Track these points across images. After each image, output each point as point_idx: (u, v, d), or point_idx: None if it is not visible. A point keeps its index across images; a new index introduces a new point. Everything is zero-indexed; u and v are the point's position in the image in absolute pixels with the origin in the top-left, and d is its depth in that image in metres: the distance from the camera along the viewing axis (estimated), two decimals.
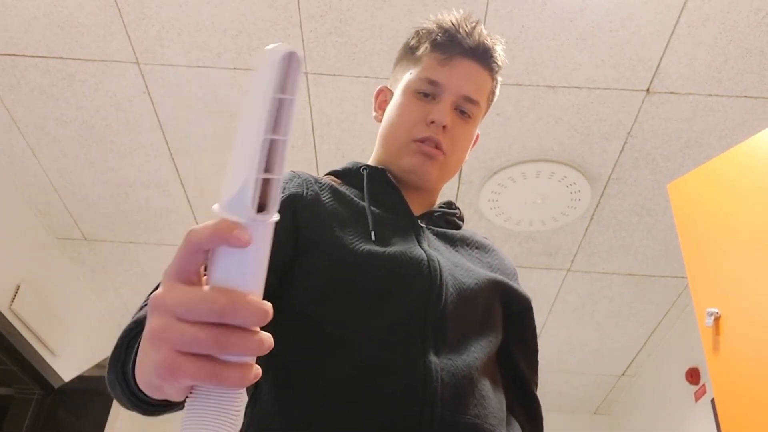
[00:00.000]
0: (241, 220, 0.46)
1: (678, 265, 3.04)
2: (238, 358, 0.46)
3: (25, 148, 2.75)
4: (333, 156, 2.69)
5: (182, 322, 0.45)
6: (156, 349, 0.46)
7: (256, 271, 0.47)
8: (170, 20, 2.21)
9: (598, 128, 2.48)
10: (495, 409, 0.84)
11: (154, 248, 3.29)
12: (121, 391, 0.65)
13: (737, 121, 2.39)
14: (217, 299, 0.44)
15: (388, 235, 0.92)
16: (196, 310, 0.44)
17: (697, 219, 1.90)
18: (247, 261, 0.47)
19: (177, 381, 0.45)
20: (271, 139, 0.46)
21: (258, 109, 0.46)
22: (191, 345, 0.44)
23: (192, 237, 0.46)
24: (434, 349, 0.82)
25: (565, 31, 2.17)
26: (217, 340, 0.44)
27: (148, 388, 0.51)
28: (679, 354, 3.45)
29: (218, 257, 0.47)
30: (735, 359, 1.68)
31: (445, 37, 1.04)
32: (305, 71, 2.35)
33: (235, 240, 0.45)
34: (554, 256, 3.13)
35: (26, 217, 3.06)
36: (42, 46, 2.32)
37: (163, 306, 0.46)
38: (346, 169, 1.06)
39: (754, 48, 2.15)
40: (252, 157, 0.45)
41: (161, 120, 2.59)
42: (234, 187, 0.46)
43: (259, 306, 0.45)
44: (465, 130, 1.04)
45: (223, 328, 0.44)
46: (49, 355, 3.32)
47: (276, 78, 0.45)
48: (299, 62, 0.46)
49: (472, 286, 0.91)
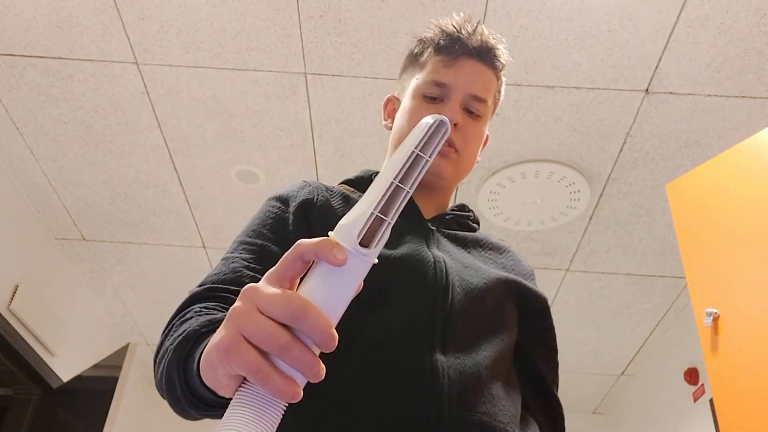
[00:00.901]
0: (345, 245, 0.51)
1: (677, 265, 3.05)
2: (289, 371, 0.49)
3: (23, 148, 2.75)
4: (332, 156, 2.69)
5: (259, 313, 0.49)
6: (226, 327, 0.50)
7: (338, 299, 0.51)
8: (169, 20, 2.21)
9: (597, 128, 2.48)
10: (506, 406, 0.84)
11: (152, 248, 3.29)
12: (177, 378, 0.67)
13: (736, 121, 2.39)
14: (294, 302, 0.48)
15: (397, 239, 0.93)
16: (273, 306, 0.49)
17: (696, 219, 1.91)
18: (333, 285, 0.51)
19: (230, 363, 0.49)
20: (397, 186, 0.52)
21: (397, 159, 0.53)
22: (256, 333, 0.48)
23: (297, 246, 0.52)
24: (441, 348, 0.83)
25: (563, 31, 2.17)
26: (278, 339, 0.48)
27: (206, 366, 0.54)
28: (677, 354, 3.45)
29: (313, 273, 0.52)
30: (734, 359, 1.68)
31: (448, 40, 1.05)
32: (304, 72, 2.35)
33: (332, 257, 0.50)
34: (553, 256, 3.13)
35: (25, 217, 3.06)
36: (41, 46, 2.32)
37: (249, 295, 0.51)
38: (358, 177, 1.08)
39: (752, 48, 2.15)
40: (376, 196, 0.52)
41: (160, 120, 2.59)
42: (350, 217, 0.52)
43: (327, 327, 0.48)
44: (475, 129, 1.05)
45: (290, 334, 0.48)
46: (48, 356, 3.31)
47: (420, 138, 0.53)
48: (444, 131, 0.54)
49: (480, 285, 0.92)
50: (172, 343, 0.70)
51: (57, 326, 3.35)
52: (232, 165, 2.77)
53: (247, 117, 2.55)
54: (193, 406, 0.66)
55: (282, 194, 0.98)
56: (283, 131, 2.60)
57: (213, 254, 3.32)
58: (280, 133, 2.61)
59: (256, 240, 0.90)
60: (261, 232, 0.91)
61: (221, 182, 2.86)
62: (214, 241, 3.23)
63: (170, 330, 0.76)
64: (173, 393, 0.68)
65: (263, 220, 0.93)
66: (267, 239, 0.90)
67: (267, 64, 2.34)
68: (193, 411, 0.67)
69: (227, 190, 2.91)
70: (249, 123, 2.57)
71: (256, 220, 0.94)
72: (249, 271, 0.85)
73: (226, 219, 3.08)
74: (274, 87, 2.42)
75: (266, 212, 0.95)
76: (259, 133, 2.61)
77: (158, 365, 0.74)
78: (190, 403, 0.66)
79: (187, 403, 0.66)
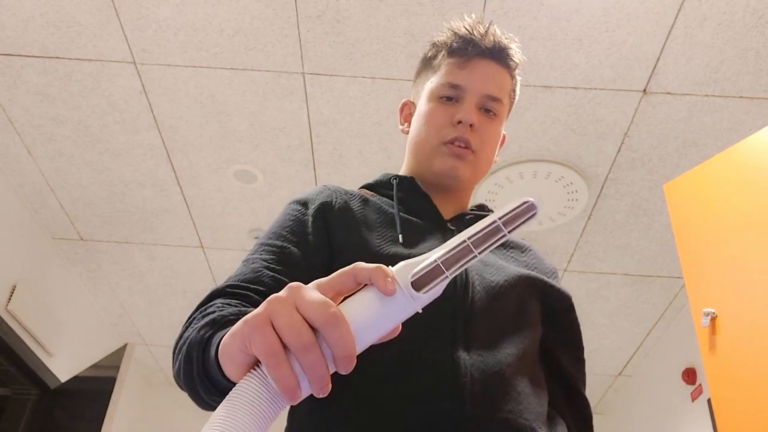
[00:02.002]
0: (399, 281, 0.52)
1: (674, 265, 3.05)
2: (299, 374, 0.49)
3: (21, 148, 2.74)
4: (330, 155, 2.69)
5: (295, 309, 0.50)
6: (261, 309, 0.51)
7: (373, 327, 0.52)
8: (167, 20, 2.21)
9: (594, 128, 2.48)
10: (532, 404, 0.85)
11: (150, 248, 3.29)
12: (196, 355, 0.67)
13: (734, 121, 2.39)
14: (331, 310, 0.49)
15: (416, 240, 0.94)
16: (311, 307, 0.50)
17: (694, 219, 1.91)
18: (373, 313, 0.52)
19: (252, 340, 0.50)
20: (468, 246, 0.54)
21: (480, 224, 0.55)
22: (284, 324, 0.49)
23: (355, 266, 0.53)
24: (464, 346, 0.83)
25: (561, 32, 2.17)
26: (301, 337, 0.48)
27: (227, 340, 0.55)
28: (675, 354, 3.45)
29: (358, 295, 0.53)
30: (731, 359, 1.68)
31: (460, 42, 1.06)
32: (302, 71, 2.35)
33: (383, 284, 0.51)
34: (551, 256, 3.13)
35: (22, 217, 3.05)
36: (38, 46, 2.32)
37: (293, 290, 0.52)
38: (378, 181, 1.10)
39: (750, 49, 2.15)
40: (446, 248, 0.54)
41: (158, 120, 2.58)
42: (415, 259, 0.54)
43: (351, 346, 0.49)
44: (492, 128, 1.06)
45: (315, 338, 0.49)
46: (46, 356, 3.31)
47: (508, 211, 0.56)
48: (532, 213, 0.56)
49: (501, 282, 0.92)
50: (195, 330, 0.70)
51: (54, 326, 3.35)
52: (230, 165, 2.77)
53: (245, 117, 2.54)
54: (205, 388, 0.66)
55: (302, 198, 1.00)
56: (281, 131, 2.60)
57: (211, 254, 3.32)
58: (278, 133, 2.61)
59: (276, 242, 0.91)
60: (281, 234, 0.92)
61: (219, 182, 2.86)
62: (212, 241, 3.23)
63: (192, 321, 0.77)
64: (189, 372, 0.68)
65: (283, 223, 0.95)
66: (287, 240, 0.91)
67: (265, 64, 2.34)
68: (204, 395, 0.68)
69: (225, 189, 2.90)
70: (247, 123, 2.57)
71: (276, 224, 0.96)
72: (269, 271, 0.86)
73: (223, 219, 3.08)
74: (272, 87, 2.42)
75: (286, 215, 0.97)
76: (257, 133, 2.61)
77: (177, 353, 0.74)
78: (203, 384, 0.66)
79: (200, 383, 0.67)
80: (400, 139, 2.56)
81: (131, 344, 4.09)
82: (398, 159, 2.69)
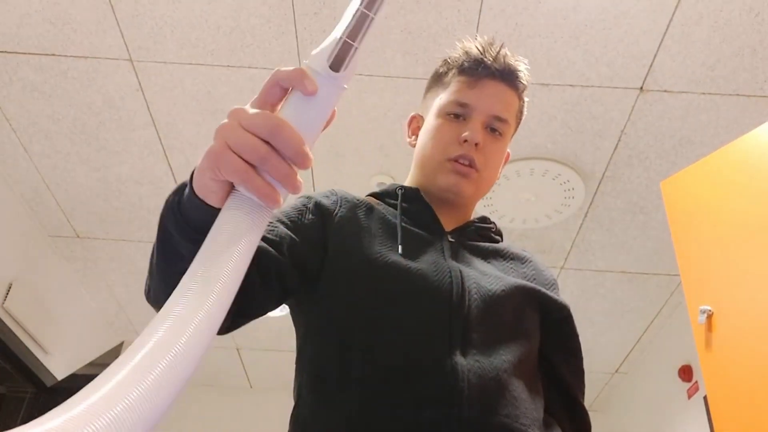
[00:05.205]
0: (317, 69, 0.56)
1: (671, 262, 3.05)
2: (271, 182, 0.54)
3: (17, 146, 2.73)
4: (326, 153, 2.69)
5: (243, 129, 0.54)
6: (214, 141, 0.56)
7: (311, 121, 0.57)
8: (163, 17, 2.20)
9: (591, 126, 2.49)
10: (528, 409, 0.87)
11: (147, 246, 3.28)
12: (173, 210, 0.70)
13: (730, 119, 2.40)
14: (272, 120, 0.54)
15: (416, 249, 0.96)
16: (253, 122, 0.54)
17: (690, 216, 1.91)
18: (308, 110, 0.56)
19: (219, 167, 0.55)
20: (362, 13, 0.57)
21: None
22: (239, 144, 0.54)
23: (275, 74, 0.57)
24: (461, 351, 0.85)
25: (558, 29, 2.17)
26: (257, 150, 0.53)
27: (197, 175, 0.60)
28: (671, 351, 3.46)
29: (289, 100, 0.57)
30: (728, 356, 1.68)
31: (471, 62, 1.08)
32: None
33: (303, 86, 0.56)
34: (548, 254, 3.13)
35: (18, 214, 3.04)
36: (34, 43, 2.31)
37: (234, 114, 0.56)
38: (384, 191, 1.12)
39: (746, 46, 2.16)
40: (343, 23, 0.57)
41: (154, 117, 2.58)
42: (321, 46, 0.57)
43: (301, 143, 0.54)
44: (496, 147, 1.08)
45: (270, 147, 0.54)
46: (42, 354, 3.30)
47: None
48: None
49: (498, 292, 0.94)
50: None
51: (51, 324, 3.34)
52: None
53: None
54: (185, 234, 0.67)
55: (308, 194, 1.02)
56: None
57: None
58: None
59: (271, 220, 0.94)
60: (278, 216, 0.95)
61: None
62: None
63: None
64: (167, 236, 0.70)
65: (283, 209, 0.97)
66: (280, 222, 0.94)
67: (262, 61, 2.33)
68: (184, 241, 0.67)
69: None
70: None
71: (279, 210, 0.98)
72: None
73: None
74: None
75: (288, 204, 0.99)
76: None
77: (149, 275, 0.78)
78: (182, 231, 0.67)
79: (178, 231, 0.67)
80: (397, 137, 2.56)
81: (127, 342, 4.09)
82: (394, 157, 2.70)
